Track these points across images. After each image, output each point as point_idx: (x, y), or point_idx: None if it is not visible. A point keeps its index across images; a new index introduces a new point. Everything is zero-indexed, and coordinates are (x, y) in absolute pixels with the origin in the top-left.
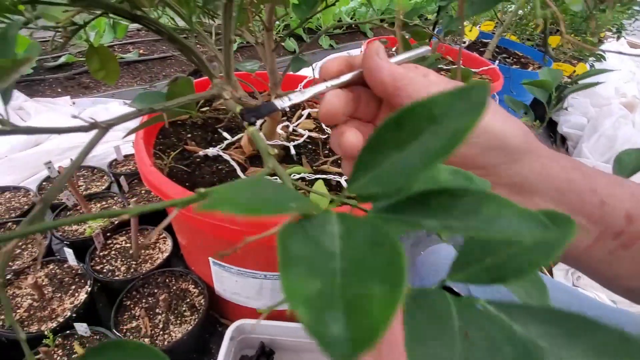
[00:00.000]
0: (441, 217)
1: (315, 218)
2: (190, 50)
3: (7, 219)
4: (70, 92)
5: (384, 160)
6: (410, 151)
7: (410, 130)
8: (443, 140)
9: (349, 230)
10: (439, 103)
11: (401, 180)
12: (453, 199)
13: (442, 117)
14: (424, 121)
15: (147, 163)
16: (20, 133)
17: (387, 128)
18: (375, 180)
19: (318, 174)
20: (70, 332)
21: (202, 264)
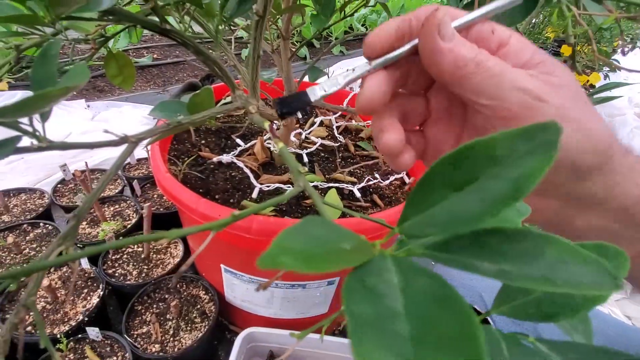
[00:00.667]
0: (497, 260)
1: (371, 265)
2: (214, 62)
3: (23, 221)
4: (85, 95)
5: (438, 200)
6: (469, 194)
7: (469, 171)
8: (506, 185)
9: (408, 280)
10: (501, 143)
11: (458, 227)
12: (509, 241)
13: (505, 158)
14: (484, 162)
15: (162, 170)
16: (55, 149)
17: (443, 165)
18: (427, 221)
19: (330, 183)
20: (82, 336)
21: (213, 270)
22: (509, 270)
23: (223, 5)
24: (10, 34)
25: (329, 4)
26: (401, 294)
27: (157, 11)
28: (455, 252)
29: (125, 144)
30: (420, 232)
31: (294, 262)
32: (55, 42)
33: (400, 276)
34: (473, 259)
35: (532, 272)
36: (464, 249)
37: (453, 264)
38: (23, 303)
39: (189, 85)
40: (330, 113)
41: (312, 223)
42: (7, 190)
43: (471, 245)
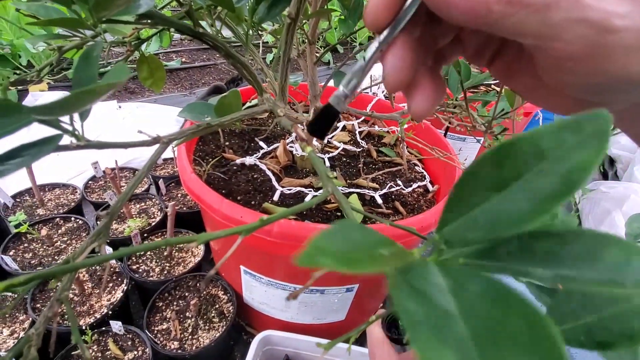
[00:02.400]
0: (552, 265)
1: (414, 269)
2: (244, 66)
3: (56, 214)
4: (117, 96)
5: (480, 202)
6: (513, 193)
7: (512, 168)
8: (555, 180)
9: (458, 284)
10: (547, 136)
11: (505, 228)
12: (562, 243)
13: (552, 152)
14: (529, 158)
15: (187, 170)
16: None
17: (483, 165)
18: (469, 225)
19: (352, 188)
20: (105, 329)
21: (232, 270)
22: (568, 275)
23: (253, 10)
24: (53, 36)
25: (356, 8)
26: (452, 297)
27: (191, 15)
28: (503, 259)
29: (157, 144)
30: (462, 237)
31: (334, 263)
32: (97, 44)
33: (448, 280)
34: (525, 265)
35: (595, 275)
36: (513, 255)
37: (503, 272)
38: (57, 297)
39: (214, 88)
40: (353, 118)
41: (349, 227)
42: (43, 185)
43: (520, 251)
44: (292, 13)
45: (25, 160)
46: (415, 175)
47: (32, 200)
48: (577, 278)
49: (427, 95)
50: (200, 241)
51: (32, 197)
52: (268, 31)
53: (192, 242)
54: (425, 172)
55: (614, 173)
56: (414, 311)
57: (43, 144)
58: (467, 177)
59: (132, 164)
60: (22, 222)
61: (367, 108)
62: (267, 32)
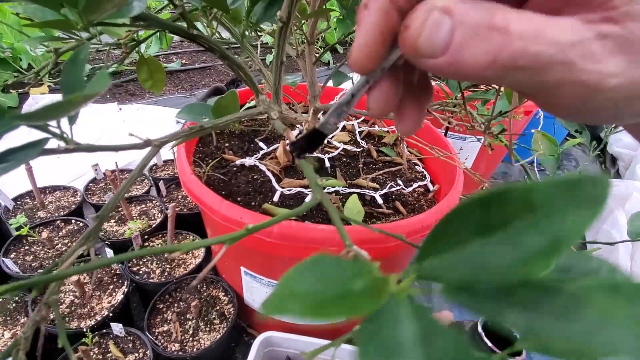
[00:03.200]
0: (528, 313)
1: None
2: (240, 67)
3: (57, 217)
4: (117, 98)
5: (463, 243)
6: (499, 243)
7: (499, 215)
8: (543, 239)
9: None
10: (541, 191)
11: (484, 277)
12: (544, 293)
13: (543, 208)
14: (519, 208)
15: (187, 171)
16: (81, 151)
17: (471, 205)
18: (448, 265)
19: (352, 188)
20: (106, 331)
21: (233, 272)
22: (542, 327)
23: (249, 11)
24: (49, 38)
25: (355, 8)
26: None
27: (185, 17)
28: (479, 298)
29: (149, 147)
30: (439, 275)
31: (302, 309)
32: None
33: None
34: (500, 308)
35: (568, 331)
36: (490, 295)
37: (477, 311)
38: (45, 301)
39: (214, 89)
40: (353, 118)
41: (319, 263)
42: (43, 188)
43: (498, 293)
44: (284, 17)
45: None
46: (415, 174)
47: (33, 202)
48: (549, 331)
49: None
50: (184, 249)
51: (32, 200)
52: (267, 31)
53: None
54: (425, 172)
55: (615, 171)
56: None
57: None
58: (454, 215)
59: (133, 166)
60: (22, 225)
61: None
62: (266, 32)
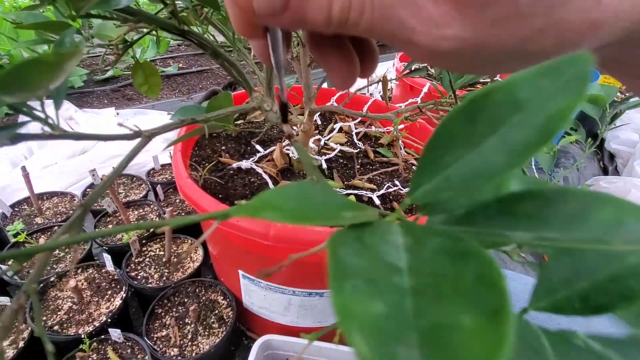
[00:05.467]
0: (534, 227)
1: (373, 226)
2: (232, 65)
3: (54, 223)
4: (115, 103)
5: (453, 161)
6: (488, 147)
7: (487, 123)
8: (532, 130)
9: (417, 241)
10: (524, 85)
11: (479, 185)
12: (548, 204)
13: (530, 102)
14: (505, 110)
15: (183, 175)
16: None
17: (454, 121)
18: (443, 185)
19: (350, 189)
20: (104, 337)
21: (231, 275)
22: (552, 236)
23: None
24: (38, 41)
25: None
26: (406, 253)
27: (175, 14)
28: (479, 224)
29: (138, 138)
30: (434, 199)
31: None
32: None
33: (407, 238)
34: (503, 228)
35: (582, 236)
36: (491, 219)
37: (479, 237)
38: (24, 289)
39: (211, 92)
40: (350, 119)
41: (309, 186)
42: (41, 194)
43: (499, 214)
44: None
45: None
46: (412, 174)
47: (31, 209)
48: (561, 239)
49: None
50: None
51: (30, 206)
52: None
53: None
54: None
55: (614, 168)
56: (348, 263)
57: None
58: (438, 136)
59: (131, 170)
60: (20, 232)
61: (364, 109)
62: None
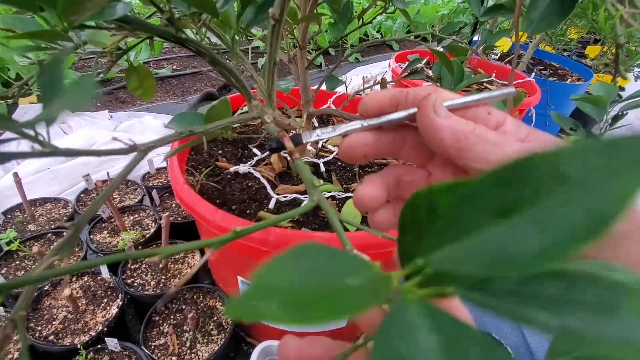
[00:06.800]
0: (557, 311)
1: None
2: (231, 72)
3: (47, 230)
4: (108, 106)
5: (477, 231)
6: (524, 223)
7: (523, 191)
8: (580, 212)
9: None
10: (569, 157)
11: (508, 267)
12: (573, 287)
13: (576, 178)
14: (546, 181)
15: (180, 181)
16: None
17: (484, 183)
18: (462, 255)
19: (348, 193)
20: (101, 347)
21: (229, 281)
22: (577, 327)
23: (239, 15)
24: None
25: (346, 12)
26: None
27: (173, 22)
28: (499, 296)
29: (134, 152)
30: (453, 268)
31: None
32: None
33: (438, 337)
34: (526, 307)
35: (606, 331)
36: (511, 293)
37: (497, 312)
38: (12, 317)
39: (206, 94)
40: (347, 121)
41: (307, 252)
42: (34, 200)
43: (521, 289)
44: (276, 14)
45: None
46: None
47: (23, 215)
48: (587, 332)
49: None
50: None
51: (23, 213)
52: (258, 36)
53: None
54: None
55: None
56: None
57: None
58: (463, 196)
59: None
60: (12, 240)
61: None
62: (258, 37)
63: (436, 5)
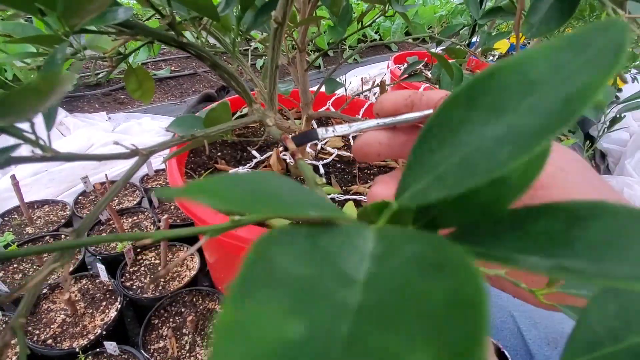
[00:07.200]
0: (555, 252)
1: (340, 228)
2: (231, 75)
3: (45, 233)
4: (106, 107)
5: (448, 155)
6: (490, 136)
7: (489, 108)
8: (544, 114)
9: (391, 248)
10: (539, 62)
11: (475, 175)
12: (576, 223)
13: (545, 83)
14: (514, 92)
15: (179, 184)
16: (61, 160)
17: (451, 109)
18: (434, 184)
19: (348, 195)
20: (100, 350)
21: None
22: (575, 267)
23: (240, 18)
24: (28, 54)
25: (345, 15)
26: (371, 261)
27: (174, 26)
28: (485, 243)
29: (136, 156)
30: (424, 200)
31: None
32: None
33: (378, 244)
34: (514, 250)
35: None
36: (500, 236)
37: (483, 258)
38: (11, 325)
39: (205, 96)
40: (346, 123)
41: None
42: (31, 202)
43: (511, 231)
44: (279, 17)
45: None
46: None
47: (21, 218)
48: (589, 272)
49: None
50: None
51: (20, 216)
52: (257, 39)
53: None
54: None
55: (605, 167)
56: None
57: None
58: (432, 127)
59: None
60: (10, 243)
61: (360, 113)
62: (257, 40)
63: (434, 6)
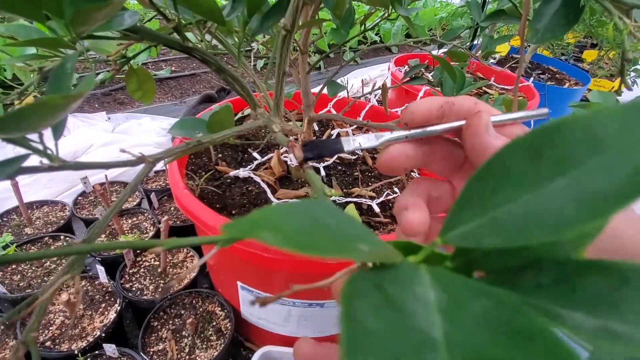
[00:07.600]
0: (600, 313)
1: (396, 270)
2: (236, 80)
3: (45, 234)
4: (106, 107)
5: (506, 200)
6: (555, 191)
7: (556, 161)
8: (616, 177)
9: (454, 300)
10: (608, 120)
11: (537, 232)
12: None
13: (615, 142)
14: (581, 148)
15: (180, 186)
16: (68, 169)
17: (513, 154)
18: (489, 228)
19: (349, 197)
20: (99, 353)
21: (229, 286)
22: (621, 331)
23: (246, 23)
24: (33, 56)
25: (348, 18)
26: (440, 316)
27: (179, 30)
28: (527, 291)
29: (142, 164)
30: (476, 243)
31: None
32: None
33: (439, 293)
34: (558, 304)
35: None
36: (544, 287)
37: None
38: (22, 339)
39: (205, 96)
40: (347, 125)
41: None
42: (30, 203)
43: (555, 284)
44: (288, 24)
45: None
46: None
47: (20, 219)
48: (634, 338)
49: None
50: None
51: (19, 216)
52: (260, 42)
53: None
54: None
55: None
56: (366, 327)
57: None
58: (490, 167)
59: (123, 177)
60: (9, 244)
61: (361, 115)
62: (259, 43)
63: (435, 8)
